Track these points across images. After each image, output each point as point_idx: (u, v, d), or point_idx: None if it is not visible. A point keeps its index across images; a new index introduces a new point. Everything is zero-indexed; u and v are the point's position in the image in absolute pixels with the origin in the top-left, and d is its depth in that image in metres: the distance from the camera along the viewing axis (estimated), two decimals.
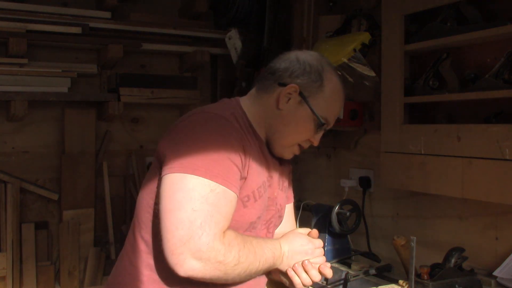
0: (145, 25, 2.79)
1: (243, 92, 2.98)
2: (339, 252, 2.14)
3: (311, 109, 1.38)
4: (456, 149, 1.83)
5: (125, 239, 1.45)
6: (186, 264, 1.14)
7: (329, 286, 1.95)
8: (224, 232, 1.20)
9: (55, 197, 2.68)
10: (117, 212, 2.89)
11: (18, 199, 2.57)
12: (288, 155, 1.47)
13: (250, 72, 2.84)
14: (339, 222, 2.12)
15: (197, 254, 1.14)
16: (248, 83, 2.83)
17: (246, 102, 1.47)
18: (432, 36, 1.96)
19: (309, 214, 2.31)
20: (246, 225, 1.34)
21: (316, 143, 1.45)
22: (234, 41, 2.87)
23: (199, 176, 1.18)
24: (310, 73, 1.39)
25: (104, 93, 2.77)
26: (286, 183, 1.58)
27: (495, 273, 1.79)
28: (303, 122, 1.40)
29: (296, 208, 2.49)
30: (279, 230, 1.58)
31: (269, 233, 1.47)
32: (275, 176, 1.49)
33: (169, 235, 1.16)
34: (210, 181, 1.18)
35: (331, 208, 2.13)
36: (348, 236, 2.22)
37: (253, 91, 1.50)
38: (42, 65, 2.58)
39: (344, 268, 1.99)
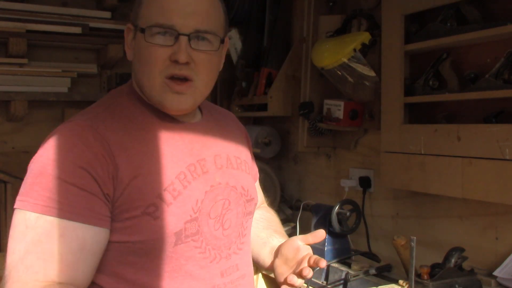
0: None
1: (243, 92, 2.98)
2: (339, 252, 2.13)
3: (138, 27, 1.13)
4: (456, 149, 1.83)
5: None
6: None
7: (329, 286, 1.95)
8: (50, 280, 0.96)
9: None
10: None
11: None
12: (170, 99, 1.13)
13: (250, 72, 2.84)
14: (339, 222, 2.12)
15: None
16: (248, 83, 2.83)
17: None
18: (432, 36, 1.96)
19: (309, 214, 2.31)
20: (170, 238, 1.06)
21: (181, 58, 1.09)
22: (234, 41, 2.87)
23: (22, 209, 1.00)
24: (134, 4, 1.18)
25: (104, 93, 2.77)
26: (244, 158, 1.31)
27: (495, 273, 1.79)
28: (144, 46, 1.12)
29: (296, 208, 2.50)
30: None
31: (224, 229, 1.17)
32: (214, 156, 1.21)
33: None
34: (31, 213, 0.98)
35: (331, 208, 2.13)
36: (348, 236, 2.22)
37: None
38: (42, 65, 2.58)
39: (344, 268, 1.99)
